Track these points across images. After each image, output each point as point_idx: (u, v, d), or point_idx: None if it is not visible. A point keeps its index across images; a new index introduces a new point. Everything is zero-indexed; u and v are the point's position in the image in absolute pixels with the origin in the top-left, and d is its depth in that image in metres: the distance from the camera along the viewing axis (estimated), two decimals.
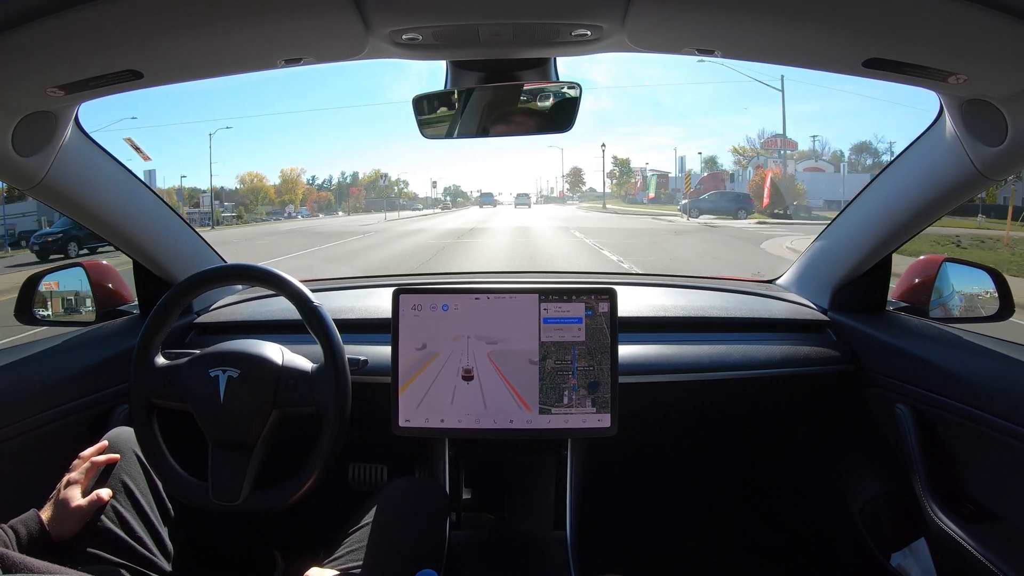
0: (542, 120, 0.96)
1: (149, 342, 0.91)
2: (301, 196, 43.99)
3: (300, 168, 56.00)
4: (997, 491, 0.92)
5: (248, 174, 41.93)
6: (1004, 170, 0.90)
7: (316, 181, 49.26)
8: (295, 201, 42.71)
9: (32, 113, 0.85)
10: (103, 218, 1.12)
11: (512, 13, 0.72)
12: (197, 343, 1.21)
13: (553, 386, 0.99)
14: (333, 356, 0.88)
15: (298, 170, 45.95)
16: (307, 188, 46.23)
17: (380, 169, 55.29)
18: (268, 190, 41.52)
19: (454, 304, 1.01)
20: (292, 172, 44.79)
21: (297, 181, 44.50)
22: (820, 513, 1.36)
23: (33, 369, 1.03)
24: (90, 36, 0.68)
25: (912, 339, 1.10)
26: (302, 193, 44.38)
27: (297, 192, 43.96)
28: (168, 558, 0.88)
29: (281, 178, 43.68)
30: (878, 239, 1.15)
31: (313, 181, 48.93)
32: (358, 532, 0.86)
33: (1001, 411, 0.88)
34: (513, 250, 10.88)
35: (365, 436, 1.08)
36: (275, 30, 0.72)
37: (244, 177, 41.33)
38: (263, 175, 42.67)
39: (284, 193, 42.41)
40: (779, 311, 1.30)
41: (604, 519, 1.41)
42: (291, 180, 43.80)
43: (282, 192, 42.43)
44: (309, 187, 46.97)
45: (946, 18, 0.64)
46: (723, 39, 0.77)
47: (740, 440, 1.51)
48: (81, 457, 0.89)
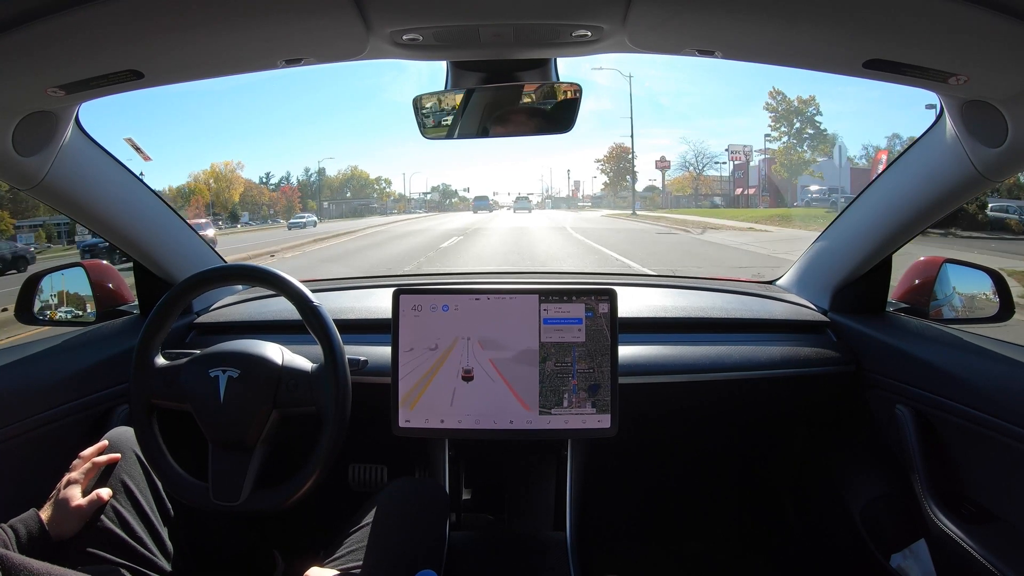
0: (542, 120, 0.96)
1: (149, 342, 0.91)
2: (238, 197, 35.65)
3: (237, 162, 43.40)
4: (997, 492, 0.92)
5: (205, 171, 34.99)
6: (1004, 171, 0.90)
7: (271, 179, 40.76)
8: (232, 202, 34.85)
9: (32, 113, 0.85)
10: (103, 218, 1.12)
11: (512, 14, 0.73)
12: (197, 343, 1.21)
13: (553, 387, 0.99)
14: (333, 356, 0.88)
15: (233, 164, 36.78)
16: (257, 187, 37.87)
17: (358, 166, 48.98)
18: (202, 190, 34.01)
19: (454, 304, 1.01)
20: (227, 167, 35.87)
21: (233, 178, 35.80)
22: (820, 514, 1.36)
23: (33, 369, 1.03)
24: (90, 36, 0.68)
25: (912, 340, 1.10)
26: (239, 194, 35.81)
27: (234, 191, 35.41)
28: (168, 558, 0.88)
29: (212, 175, 35.29)
30: (878, 240, 1.15)
31: (267, 180, 40.37)
32: (358, 532, 0.86)
33: (1001, 412, 0.88)
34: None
35: (365, 436, 1.08)
36: (275, 30, 0.72)
37: (198, 175, 34.71)
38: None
39: (219, 194, 34.75)
40: (779, 312, 1.30)
41: (604, 519, 1.40)
42: (225, 177, 35.39)
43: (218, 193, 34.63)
44: (261, 185, 38.79)
45: (946, 19, 0.64)
46: (723, 40, 0.77)
47: (740, 441, 1.51)
48: (81, 457, 0.89)
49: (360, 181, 46.41)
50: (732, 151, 31.78)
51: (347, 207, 43.17)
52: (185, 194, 33.24)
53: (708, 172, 35.50)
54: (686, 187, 36.32)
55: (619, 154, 39.47)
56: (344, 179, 45.87)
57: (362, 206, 43.70)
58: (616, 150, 39.76)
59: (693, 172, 35.71)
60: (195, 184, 34.26)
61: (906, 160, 1.08)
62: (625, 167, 38.98)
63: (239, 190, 35.81)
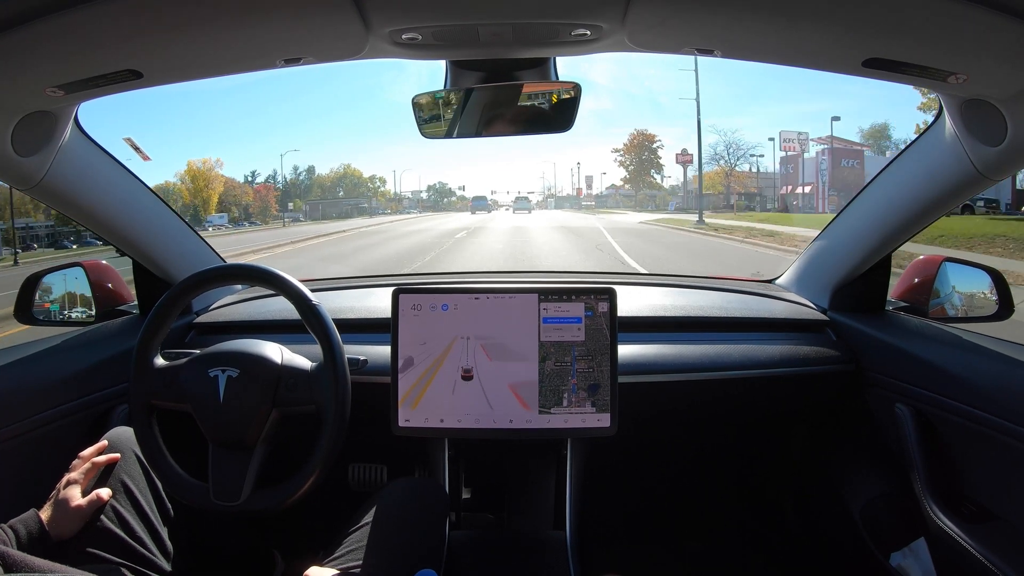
0: (542, 120, 0.96)
1: (148, 342, 0.91)
2: (217, 197, 32.71)
3: (216, 159, 39.29)
4: (997, 491, 0.92)
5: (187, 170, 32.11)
6: (1004, 170, 0.90)
7: (257, 178, 37.73)
8: (209, 204, 31.81)
9: (32, 113, 0.84)
10: (103, 218, 1.12)
11: (512, 13, 0.72)
12: (197, 343, 1.21)
13: (552, 387, 0.99)
14: (333, 356, 0.88)
15: (211, 162, 33.68)
16: (240, 186, 35.12)
17: (352, 164, 44.76)
18: (180, 190, 31.71)
19: (454, 304, 1.01)
20: (205, 164, 32.82)
21: (211, 176, 32.81)
22: (820, 513, 1.36)
23: (33, 369, 1.03)
24: (90, 36, 0.68)
25: (912, 339, 1.10)
26: (218, 194, 33.00)
27: (212, 192, 32.54)
28: (168, 558, 0.88)
29: (189, 174, 32.27)
30: (878, 239, 1.15)
31: (253, 178, 37.40)
32: (358, 532, 0.86)
33: (1000, 411, 0.88)
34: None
35: (365, 436, 1.08)
36: (275, 30, 0.72)
37: (182, 174, 32.20)
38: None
39: (196, 194, 31.94)
40: (779, 311, 1.30)
41: (604, 519, 1.40)
42: (203, 175, 32.45)
43: (195, 192, 31.91)
44: (246, 184, 36.10)
45: (946, 18, 0.64)
46: (723, 39, 0.77)
47: (740, 440, 1.51)
48: (81, 457, 0.89)
49: (353, 180, 44.14)
50: (785, 139, 25.60)
51: (333, 207, 39.96)
52: (163, 194, 30.32)
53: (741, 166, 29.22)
54: (716, 184, 29.63)
55: (641, 143, 33.17)
56: (336, 178, 43.67)
57: (351, 206, 40.53)
58: (637, 138, 33.33)
59: (726, 166, 29.31)
60: (172, 184, 32.28)
61: (905, 159, 1.08)
62: (649, 158, 33.02)
63: (218, 189, 33.23)
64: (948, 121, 0.91)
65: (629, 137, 34.16)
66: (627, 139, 34.22)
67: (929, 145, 1.00)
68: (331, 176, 43.64)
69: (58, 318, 1.30)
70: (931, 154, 1.00)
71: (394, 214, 38.70)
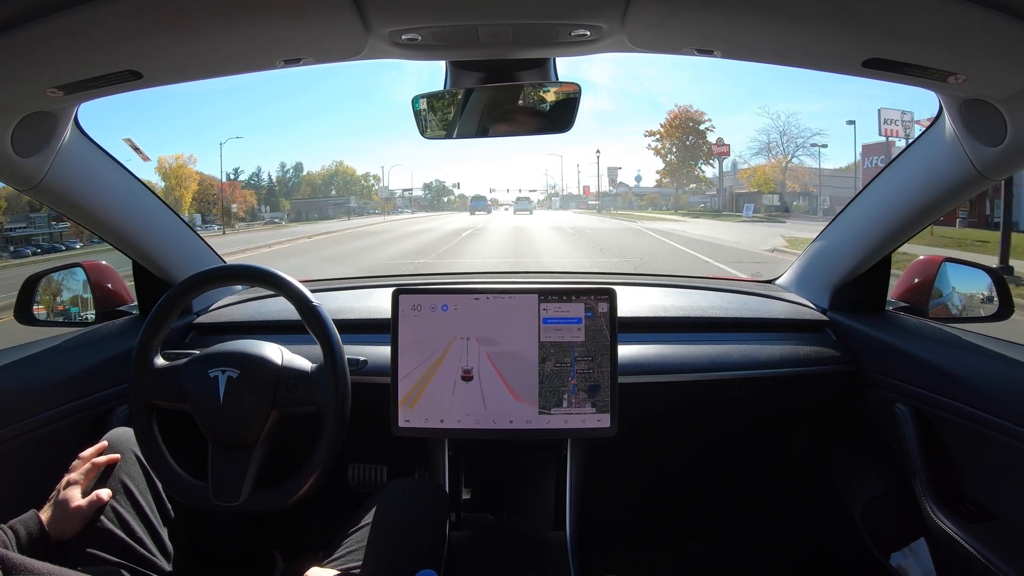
0: (542, 120, 0.96)
1: (148, 343, 0.91)
2: (190, 197, 29.67)
3: (189, 155, 34.15)
4: (997, 491, 0.92)
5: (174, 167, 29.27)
6: (1003, 170, 0.90)
7: (240, 175, 35.19)
8: (182, 203, 28.42)
9: (31, 113, 0.85)
10: (102, 218, 1.12)
11: (511, 13, 0.73)
12: (197, 343, 1.21)
13: (552, 387, 0.99)
14: (333, 356, 0.88)
15: (184, 158, 30.35)
16: (217, 184, 31.68)
17: (344, 161, 43.86)
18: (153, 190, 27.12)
19: (454, 304, 1.01)
20: (178, 161, 29.67)
21: (184, 173, 29.67)
22: (820, 513, 1.36)
23: (33, 369, 1.03)
24: (90, 36, 0.68)
25: (911, 339, 1.10)
26: (192, 193, 29.89)
27: (185, 191, 29.47)
28: (168, 558, 0.88)
29: (159, 171, 29.07)
30: (877, 239, 1.15)
31: (236, 175, 34.66)
32: (358, 532, 0.86)
33: (1000, 411, 0.88)
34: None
35: (365, 436, 1.08)
36: (275, 30, 0.72)
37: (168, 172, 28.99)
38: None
39: (168, 193, 27.80)
40: (778, 311, 1.30)
41: (604, 519, 1.40)
42: (174, 172, 29.43)
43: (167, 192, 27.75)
44: (231, 183, 33.20)
45: (946, 18, 0.64)
46: (722, 39, 0.77)
47: (740, 440, 1.51)
48: (81, 458, 0.89)
49: (345, 178, 41.60)
50: (886, 119, 18.44)
51: (313, 208, 37.25)
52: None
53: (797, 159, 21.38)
54: (770, 181, 22.39)
55: (684, 123, 24.42)
56: (328, 175, 41.07)
57: (335, 206, 37.71)
58: (680, 117, 24.61)
59: (781, 159, 22.23)
60: (149, 182, 29.61)
61: (905, 159, 1.08)
62: (696, 144, 24.37)
63: (192, 187, 30.11)
64: (948, 121, 0.91)
65: (668, 116, 25.49)
66: (666, 118, 25.50)
67: (929, 145, 1.00)
68: (322, 173, 41.34)
69: (58, 319, 1.30)
70: (931, 154, 1.00)
71: (386, 214, 36.17)
